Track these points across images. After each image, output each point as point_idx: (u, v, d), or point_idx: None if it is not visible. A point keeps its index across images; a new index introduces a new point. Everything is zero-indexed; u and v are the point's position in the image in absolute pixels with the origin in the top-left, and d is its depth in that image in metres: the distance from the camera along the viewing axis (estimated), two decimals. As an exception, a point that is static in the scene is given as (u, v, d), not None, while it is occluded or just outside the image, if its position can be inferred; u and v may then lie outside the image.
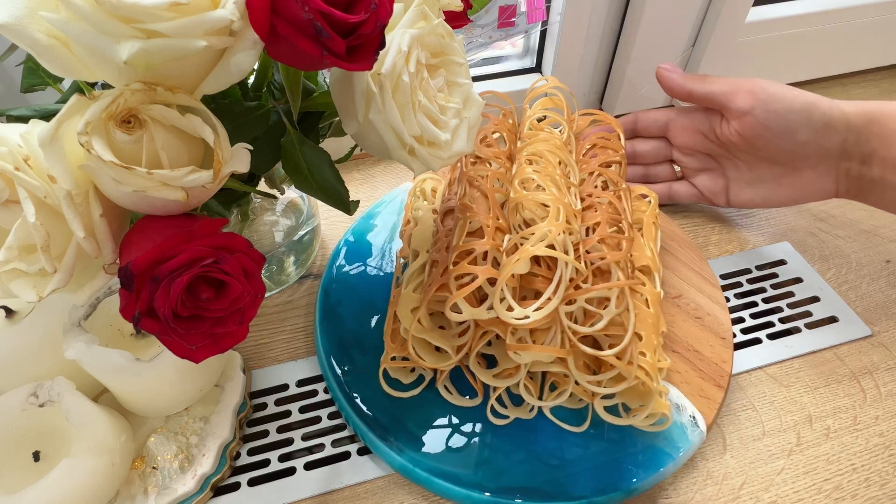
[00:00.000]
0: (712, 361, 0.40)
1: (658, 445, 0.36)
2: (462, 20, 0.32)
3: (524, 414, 0.37)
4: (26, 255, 0.22)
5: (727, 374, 0.39)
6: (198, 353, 0.24)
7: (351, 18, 0.22)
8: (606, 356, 0.33)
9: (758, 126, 0.44)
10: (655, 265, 0.41)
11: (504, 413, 0.37)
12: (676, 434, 0.36)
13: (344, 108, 0.28)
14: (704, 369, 0.39)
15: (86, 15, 0.19)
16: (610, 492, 0.34)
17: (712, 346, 0.40)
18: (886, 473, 0.37)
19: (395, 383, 0.38)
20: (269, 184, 0.39)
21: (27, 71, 0.32)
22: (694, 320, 0.42)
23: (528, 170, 0.38)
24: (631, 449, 0.36)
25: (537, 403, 0.36)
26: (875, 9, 0.63)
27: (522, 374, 0.35)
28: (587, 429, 0.36)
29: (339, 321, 0.42)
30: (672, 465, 0.35)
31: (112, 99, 0.21)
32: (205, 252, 0.22)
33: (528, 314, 0.32)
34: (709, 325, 0.42)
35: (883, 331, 0.44)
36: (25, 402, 0.32)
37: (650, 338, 0.36)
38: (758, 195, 0.48)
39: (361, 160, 0.59)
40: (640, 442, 0.36)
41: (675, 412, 0.37)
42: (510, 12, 0.51)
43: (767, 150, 0.45)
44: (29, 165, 0.22)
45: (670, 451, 0.35)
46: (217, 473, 0.35)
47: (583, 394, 0.36)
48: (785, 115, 0.42)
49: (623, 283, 0.34)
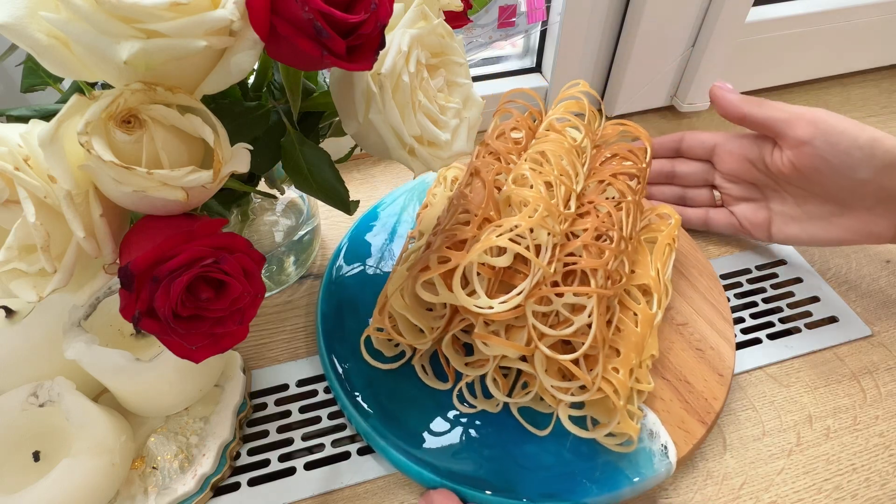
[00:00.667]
0: (702, 396, 0.38)
1: (620, 466, 0.35)
2: (462, 20, 0.32)
3: (491, 407, 0.37)
4: (26, 255, 0.22)
5: (715, 412, 0.37)
6: (198, 353, 0.23)
7: (351, 18, 0.22)
8: (562, 359, 0.32)
9: (816, 159, 0.41)
10: (658, 286, 0.40)
11: (472, 403, 0.38)
12: (643, 460, 0.35)
13: (344, 108, 0.28)
14: (691, 402, 0.38)
15: (86, 15, 0.19)
16: (556, 500, 0.33)
17: (706, 380, 0.39)
18: (886, 473, 0.37)
19: (377, 355, 0.39)
20: (269, 184, 0.39)
21: (27, 71, 0.32)
22: (694, 351, 0.40)
23: (524, 167, 0.38)
24: (590, 463, 0.35)
25: (503, 399, 0.37)
26: (875, 9, 0.63)
27: (491, 367, 0.36)
28: (556, 434, 0.36)
29: (341, 319, 0.42)
30: (629, 489, 0.34)
31: (112, 99, 0.21)
32: (205, 252, 0.22)
33: (492, 304, 0.32)
34: (709, 358, 0.40)
35: (883, 331, 0.44)
36: (25, 402, 0.32)
37: (629, 356, 0.35)
38: (804, 232, 0.45)
39: (361, 160, 0.59)
40: (602, 459, 0.35)
41: (646, 438, 0.36)
42: (510, 12, 0.51)
43: (821, 185, 0.42)
44: (29, 165, 0.21)
45: (631, 474, 0.34)
46: (217, 473, 0.35)
47: (550, 398, 0.35)
48: (847, 150, 0.39)
49: (592, 290, 0.33)
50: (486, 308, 0.32)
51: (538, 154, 0.39)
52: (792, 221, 0.45)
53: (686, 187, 0.51)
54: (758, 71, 0.65)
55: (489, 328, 0.35)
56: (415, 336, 0.37)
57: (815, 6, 0.61)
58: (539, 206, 0.34)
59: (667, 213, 0.45)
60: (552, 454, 0.35)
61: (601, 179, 0.41)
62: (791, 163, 0.42)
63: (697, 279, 0.45)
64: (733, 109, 0.45)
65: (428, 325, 0.36)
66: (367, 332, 0.38)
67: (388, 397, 0.38)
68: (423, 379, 0.39)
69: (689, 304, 0.44)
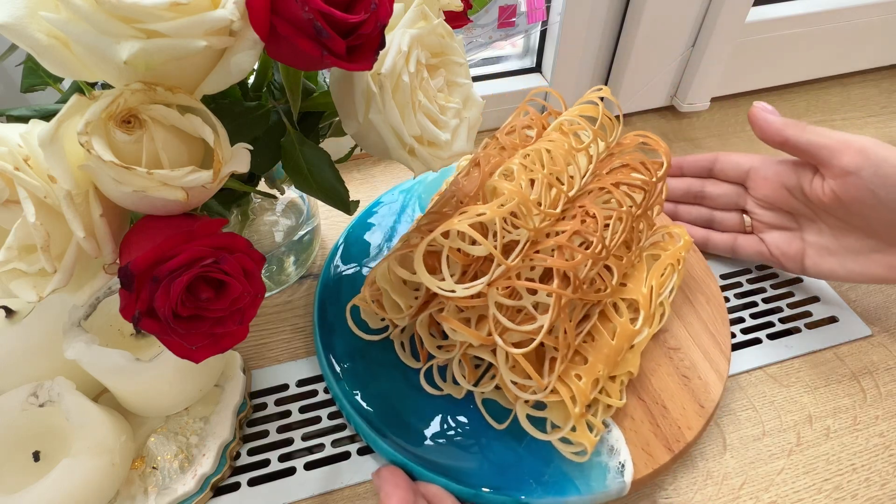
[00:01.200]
0: (676, 423, 0.37)
1: (570, 475, 0.34)
2: (462, 20, 0.32)
3: (456, 393, 0.38)
4: (26, 255, 0.22)
5: (685, 442, 0.36)
6: (198, 353, 0.23)
7: (351, 18, 0.22)
8: (514, 352, 0.32)
9: (862, 190, 0.38)
10: (646, 304, 0.39)
11: (440, 386, 0.38)
12: (596, 474, 0.34)
13: (344, 108, 0.28)
14: (663, 427, 0.37)
15: (86, 15, 0.19)
16: (500, 493, 0.33)
17: (685, 408, 0.37)
18: (886, 473, 0.37)
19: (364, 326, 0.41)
20: (269, 184, 0.39)
21: (27, 71, 0.32)
22: (680, 377, 0.39)
23: (515, 161, 0.38)
24: (542, 466, 0.35)
25: (467, 387, 0.37)
26: (875, 9, 0.63)
27: (458, 353, 0.36)
28: (519, 431, 0.36)
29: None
30: (575, 499, 0.34)
31: (112, 99, 0.21)
32: (205, 252, 0.22)
33: (455, 288, 0.32)
34: (694, 387, 0.39)
35: (883, 331, 0.44)
36: (25, 402, 0.32)
37: (595, 365, 0.35)
38: (842, 268, 0.42)
39: (361, 160, 0.59)
40: (555, 464, 0.35)
41: (605, 452, 0.35)
42: (510, 12, 0.51)
43: (865, 218, 0.39)
44: (29, 165, 0.22)
45: (580, 485, 0.34)
46: (217, 473, 0.35)
47: (509, 393, 0.35)
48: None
49: (551, 289, 0.32)
50: (448, 290, 0.32)
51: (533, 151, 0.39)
52: (828, 255, 0.42)
53: (715, 209, 0.49)
54: (758, 71, 0.65)
55: (461, 315, 0.35)
56: (394, 312, 0.37)
57: (815, 6, 0.61)
58: (514, 199, 0.34)
59: (678, 234, 0.44)
60: (510, 449, 0.36)
61: (602, 186, 0.40)
62: (833, 193, 0.39)
63: (703, 306, 0.43)
64: (774, 133, 0.42)
65: (407, 302, 0.37)
66: (353, 301, 0.39)
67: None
68: (399, 355, 0.40)
69: (687, 329, 0.42)
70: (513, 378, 0.34)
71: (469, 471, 0.35)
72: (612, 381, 0.37)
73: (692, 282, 0.45)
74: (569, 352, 0.34)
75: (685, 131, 0.64)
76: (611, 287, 0.37)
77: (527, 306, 0.34)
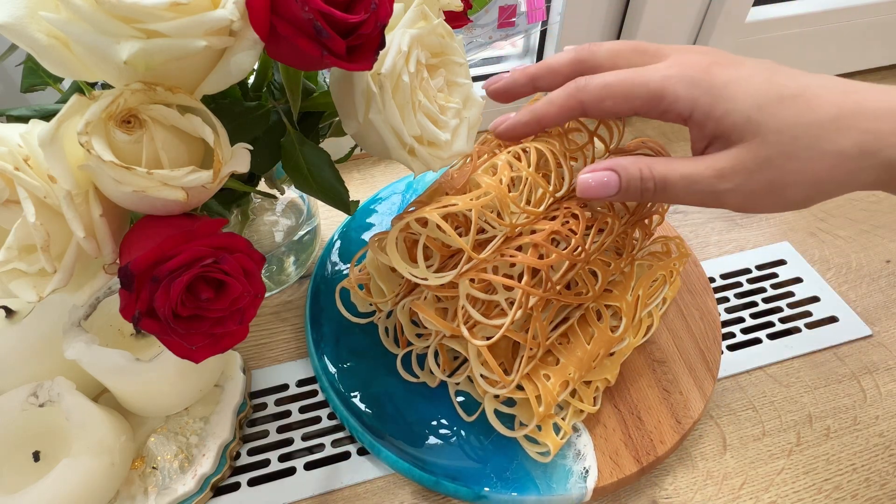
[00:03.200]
0: (649, 436, 0.36)
1: (532, 474, 0.34)
2: (462, 20, 0.32)
3: (430, 381, 0.39)
4: (26, 255, 0.22)
5: (656, 456, 0.35)
6: (198, 353, 0.23)
7: (351, 18, 0.22)
8: (477, 343, 0.32)
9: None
10: (630, 312, 0.38)
11: (417, 374, 0.39)
12: (558, 476, 0.34)
13: (344, 108, 0.28)
14: (635, 438, 0.36)
15: (86, 15, 0.19)
16: (459, 485, 0.34)
17: (660, 422, 0.37)
18: (886, 473, 0.37)
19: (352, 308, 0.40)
20: (269, 184, 0.39)
21: (27, 71, 0.32)
22: (660, 391, 0.39)
23: (501, 157, 0.37)
24: (505, 461, 0.35)
25: (440, 376, 0.37)
26: (875, 9, 0.63)
27: (434, 341, 0.36)
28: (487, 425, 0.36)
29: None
30: (534, 499, 0.33)
31: (112, 99, 0.21)
32: (205, 252, 0.22)
33: (427, 276, 0.32)
34: (673, 402, 0.38)
35: (883, 331, 0.44)
36: (25, 402, 0.32)
37: (566, 367, 0.34)
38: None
39: (361, 160, 0.59)
40: (519, 461, 0.35)
41: (571, 456, 0.35)
42: (510, 12, 0.51)
43: None
44: (29, 165, 0.22)
45: (540, 485, 0.34)
46: (217, 473, 0.35)
47: (478, 386, 0.35)
48: None
49: (518, 284, 0.31)
50: (420, 278, 0.32)
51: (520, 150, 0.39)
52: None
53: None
54: (758, 71, 0.65)
55: (440, 304, 0.35)
56: (379, 296, 0.38)
57: (815, 6, 0.61)
58: (490, 193, 0.33)
59: (675, 247, 0.43)
60: (476, 441, 0.36)
61: None
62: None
63: (696, 322, 0.43)
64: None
65: (392, 289, 0.37)
66: (342, 284, 0.39)
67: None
68: (382, 340, 0.40)
69: (676, 343, 0.42)
70: (482, 371, 0.34)
71: (432, 460, 0.35)
72: (587, 387, 0.37)
73: (688, 296, 0.45)
74: (538, 350, 0.34)
75: (685, 131, 0.64)
76: (593, 291, 0.36)
77: (500, 301, 0.33)
